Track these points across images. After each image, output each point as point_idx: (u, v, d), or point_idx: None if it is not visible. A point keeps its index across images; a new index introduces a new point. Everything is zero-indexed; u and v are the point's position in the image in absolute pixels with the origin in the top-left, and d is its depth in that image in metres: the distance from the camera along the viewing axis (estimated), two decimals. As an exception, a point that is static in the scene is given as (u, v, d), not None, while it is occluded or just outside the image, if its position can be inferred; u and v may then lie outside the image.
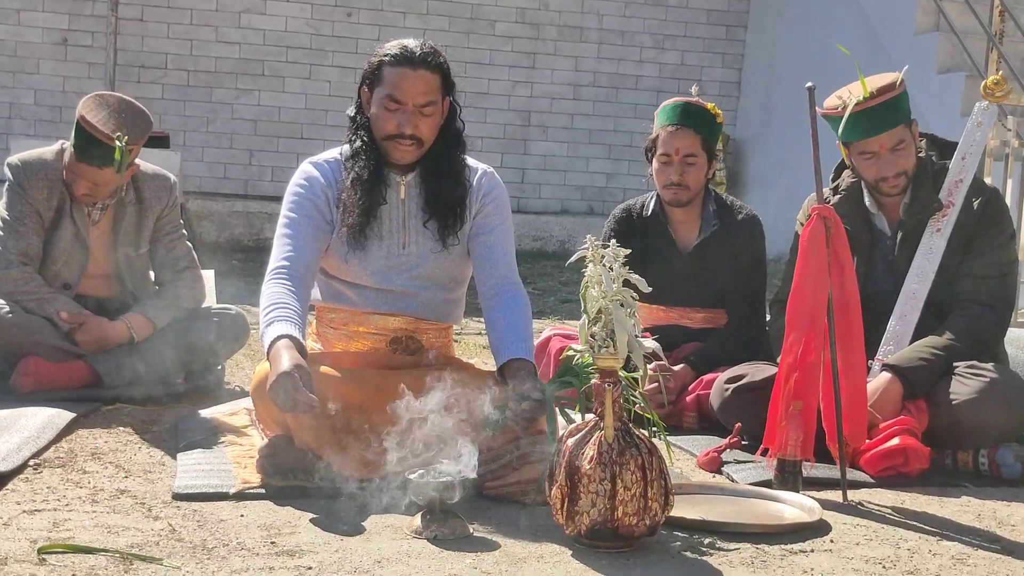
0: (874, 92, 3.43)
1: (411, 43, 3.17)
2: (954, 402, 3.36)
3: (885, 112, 3.45)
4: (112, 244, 4.12)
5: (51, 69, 8.88)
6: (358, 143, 3.21)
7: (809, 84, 3.11)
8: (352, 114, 3.26)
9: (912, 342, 3.53)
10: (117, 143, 3.85)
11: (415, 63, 3.13)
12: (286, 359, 2.80)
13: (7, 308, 3.88)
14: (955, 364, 3.45)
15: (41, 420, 3.42)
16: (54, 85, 8.89)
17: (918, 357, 3.44)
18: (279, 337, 2.88)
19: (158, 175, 4.19)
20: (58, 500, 2.77)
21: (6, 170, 4.04)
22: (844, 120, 3.44)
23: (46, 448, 3.22)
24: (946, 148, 3.71)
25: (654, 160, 4.07)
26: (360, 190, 3.16)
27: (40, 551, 2.38)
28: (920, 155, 3.63)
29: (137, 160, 4.02)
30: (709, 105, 4.08)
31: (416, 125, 3.13)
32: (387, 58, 3.15)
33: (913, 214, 3.61)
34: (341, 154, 3.27)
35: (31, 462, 3.07)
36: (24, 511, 2.67)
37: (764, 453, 3.16)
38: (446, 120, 3.23)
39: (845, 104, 3.44)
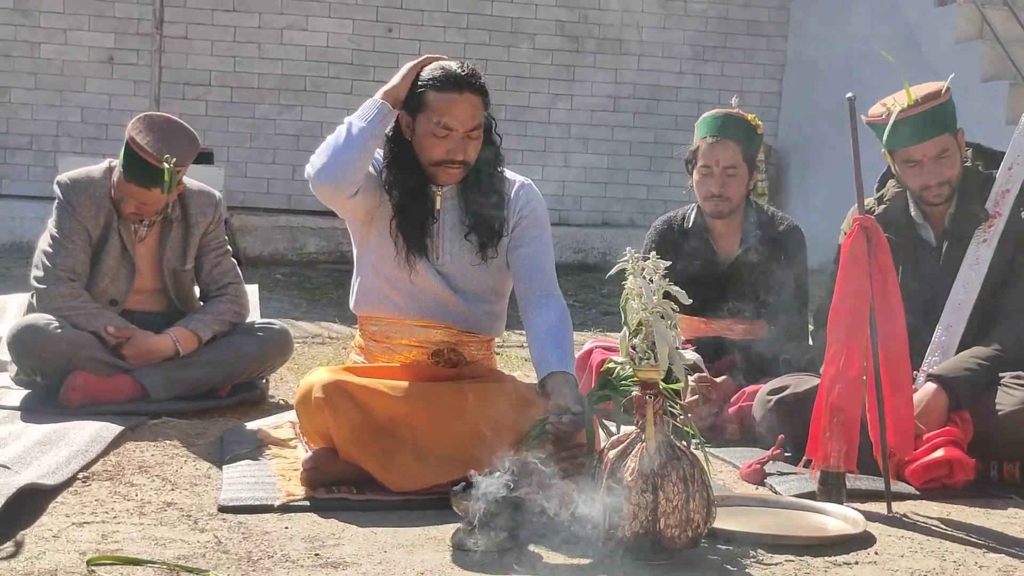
0: (919, 100, 3.41)
1: (452, 65, 3.15)
2: (1000, 413, 3.33)
3: (929, 120, 3.43)
4: (158, 260, 4.18)
5: (97, 87, 9.01)
6: (396, 167, 3.22)
7: (850, 95, 3.10)
8: (389, 135, 3.26)
9: (958, 353, 3.50)
10: (165, 165, 3.90)
11: (461, 87, 3.12)
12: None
13: (55, 323, 3.94)
14: (1001, 375, 3.43)
15: (89, 434, 3.47)
16: (100, 103, 9.01)
17: (963, 368, 3.41)
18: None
19: (203, 192, 4.25)
20: (106, 512, 2.81)
21: (55, 188, 4.11)
22: (888, 127, 3.42)
23: (94, 461, 3.26)
24: (993, 158, 3.68)
25: (695, 172, 4.07)
26: (409, 217, 3.17)
27: (89, 563, 2.41)
28: (966, 164, 3.61)
29: (184, 177, 4.08)
30: (749, 116, 4.08)
31: (465, 150, 3.15)
32: (431, 83, 3.14)
33: (959, 224, 3.58)
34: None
35: (80, 475, 3.12)
36: (73, 523, 2.71)
37: (807, 465, 3.15)
38: (484, 134, 3.25)
39: (889, 112, 3.43)
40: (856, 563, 2.64)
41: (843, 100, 3.15)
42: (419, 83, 3.16)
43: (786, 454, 3.44)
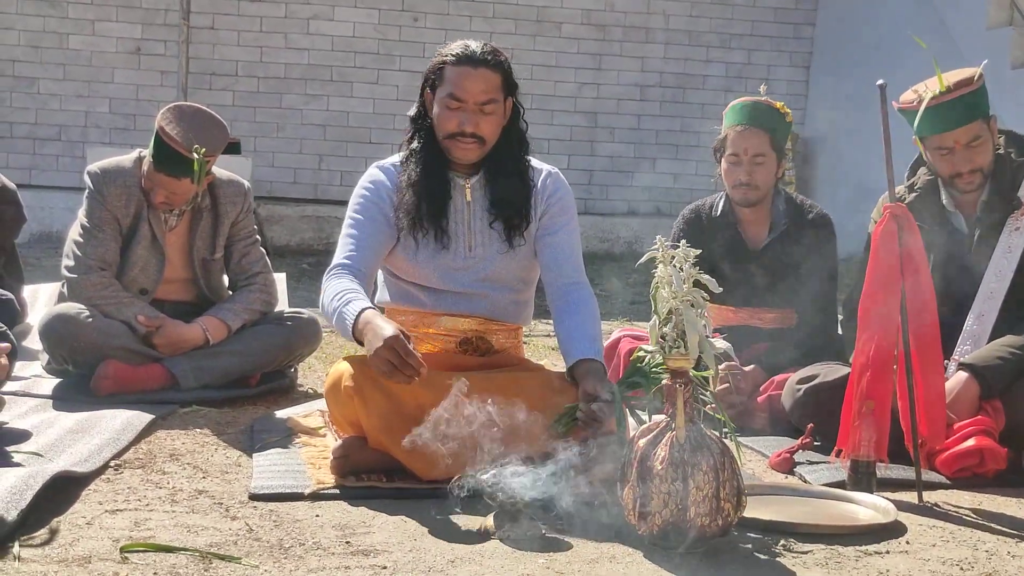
0: (951, 86, 3.38)
1: (472, 43, 3.20)
2: (1032, 402, 3.31)
3: (961, 107, 3.40)
4: (188, 249, 4.20)
5: (125, 78, 9.06)
6: (415, 144, 3.24)
7: (880, 81, 3.08)
8: (413, 115, 3.28)
9: (990, 341, 3.47)
10: (195, 155, 3.92)
11: (476, 62, 3.15)
12: (384, 324, 2.80)
13: (86, 313, 3.97)
14: (1033, 363, 3.40)
15: (120, 422, 3.49)
16: (128, 94, 9.06)
17: (995, 356, 3.38)
18: (363, 310, 2.90)
19: (233, 182, 4.27)
20: (138, 500, 2.83)
21: (86, 178, 4.13)
22: (920, 114, 3.40)
23: (126, 449, 3.29)
24: (1026, 145, 3.65)
25: (723, 160, 4.05)
26: (418, 193, 3.18)
27: (122, 550, 2.43)
28: (998, 151, 3.58)
29: (213, 167, 4.10)
30: (778, 104, 4.05)
31: (477, 123, 3.15)
32: (448, 58, 3.18)
33: (991, 212, 3.55)
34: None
35: (112, 463, 3.14)
36: (106, 511, 2.73)
37: (838, 454, 3.14)
38: (509, 121, 3.25)
39: (921, 98, 3.40)
40: (887, 552, 2.63)
41: (871, 87, 3.12)
42: (440, 60, 3.18)
43: (816, 443, 3.43)
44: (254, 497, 2.88)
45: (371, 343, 2.79)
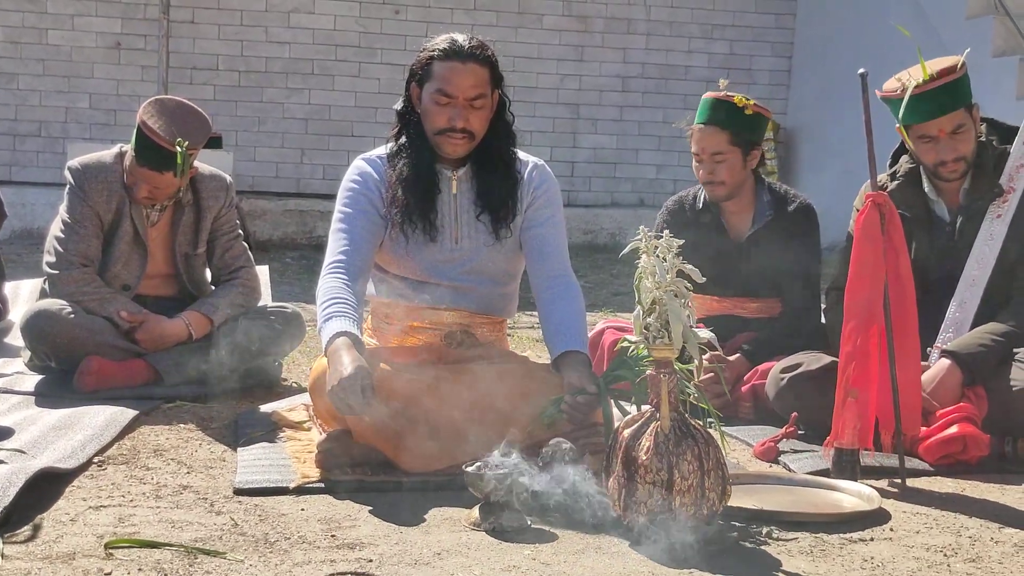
0: (934, 75, 3.39)
1: (459, 37, 3.19)
2: (1014, 388, 3.32)
3: (945, 95, 3.41)
4: (170, 244, 4.18)
5: (105, 73, 9.00)
6: (403, 140, 3.24)
7: (861, 70, 3.08)
8: (399, 109, 3.27)
9: (972, 329, 3.49)
10: (178, 149, 3.90)
11: (464, 56, 3.14)
12: (347, 361, 2.81)
13: (69, 309, 3.95)
14: (1015, 350, 3.42)
15: (104, 418, 3.48)
16: (109, 89, 9.01)
17: (977, 344, 3.40)
18: (337, 334, 2.90)
19: (215, 176, 4.25)
20: (123, 496, 2.82)
21: (67, 174, 4.11)
22: (904, 103, 3.40)
23: (109, 445, 3.28)
24: (1007, 133, 3.66)
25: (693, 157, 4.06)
26: (408, 189, 3.18)
27: (107, 546, 2.43)
28: (980, 140, 3.59)
29: (195, 162, 4.09)
30: (736, 97, 3.96)
31: (467, 118, 3.15)
32: (436, 53, 3.17)
33: (973, 200, 3.57)
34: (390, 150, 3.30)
35: (95, 459, 3.13)
36: (90, 507, 2.72)
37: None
38: (495, 113, 3.25)
39: (904, 87, 3.41)
40: (871, 539, 2.64)
41: (853, 76, 3.13)
42: (427, 54, 3.17)
43: (800, 432, 3.44)
44: (239, 492, 2.87)
45: (331, 377, 2.82)
